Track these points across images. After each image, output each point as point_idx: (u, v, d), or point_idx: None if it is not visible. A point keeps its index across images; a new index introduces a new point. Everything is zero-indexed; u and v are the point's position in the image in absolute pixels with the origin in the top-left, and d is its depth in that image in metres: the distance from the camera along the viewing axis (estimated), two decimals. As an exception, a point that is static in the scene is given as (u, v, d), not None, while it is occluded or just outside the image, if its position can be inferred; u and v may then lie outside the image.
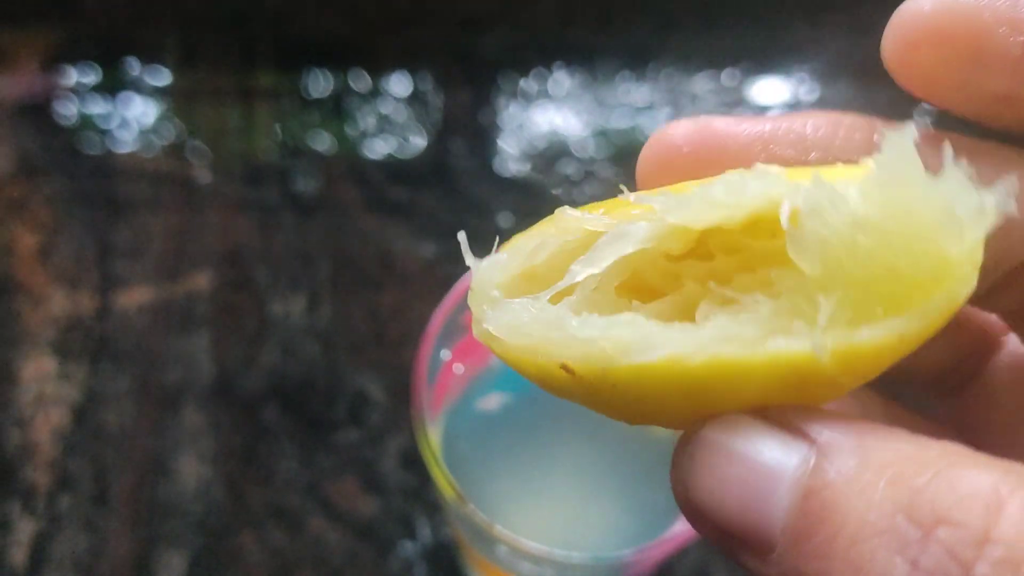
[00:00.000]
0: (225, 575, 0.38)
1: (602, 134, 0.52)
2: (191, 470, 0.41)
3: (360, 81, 0.53)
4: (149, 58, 0.54)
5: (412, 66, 0.54)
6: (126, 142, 0.51)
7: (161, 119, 0.52)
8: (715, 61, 0.55)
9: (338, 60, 0.54)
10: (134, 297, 0.45)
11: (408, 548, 0.39)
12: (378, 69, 0.54)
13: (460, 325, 0.30)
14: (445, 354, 0.30)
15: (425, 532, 0.40)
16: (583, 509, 0.31)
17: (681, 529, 0.26)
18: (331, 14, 0.54)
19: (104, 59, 0.54)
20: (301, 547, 0.39)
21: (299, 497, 0.40)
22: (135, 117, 0.52)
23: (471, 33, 0.55)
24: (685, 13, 0.55)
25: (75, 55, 0.54)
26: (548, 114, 0.53)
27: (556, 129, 0.52)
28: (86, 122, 0.51)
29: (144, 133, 0.51)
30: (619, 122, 0.52)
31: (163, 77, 0.53)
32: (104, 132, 0.51)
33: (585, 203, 0.16)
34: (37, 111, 0.52)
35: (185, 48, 0.54)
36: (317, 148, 0.51)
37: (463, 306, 0.29)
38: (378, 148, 0.51)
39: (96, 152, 0.50)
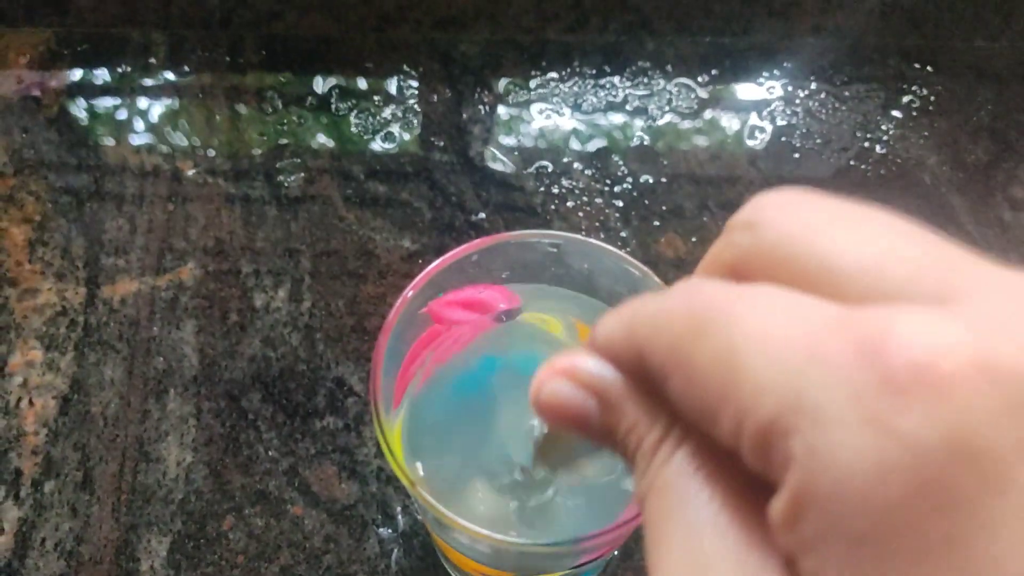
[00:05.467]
0: (206, 559, 0.40)
1: (578, 132, 0.53)
2: (174, 457, 0.42)
3: (343, 79, 0.54)
4: (138, 56, 0.55)
5: (394, 65, 0.55)
6: (114, 138, 0.52)
7: (149, 116, 0.53)
8: (689, 61, 0.56)
9: (322, 59, 0.55)
10: (120, 289, 0.47)
11: (384, 533, 0.40)
12: (361, 68, 0.55)
13: (422, 318, 0.31)
14: (406, 346, 0.31)
15: (400, 518, 0.41)
16: (548, 499, 0.32)
17: (629, 515, 0.27)
18: (315, 14, 0.55)
19: (94, 57, 0.55)
20: (280, 532, 0.40)
21: (279, 483, 0.41)
22: (123, 114, 0.53)
23: (450, 32, 0.56)
24: (658, 14, 0.56)
25: (66, 53, 0.55)
26: (526, 112, 0.54)
27: (533, 126, 0.53)
28: (75, 119, 0.53)
29: (132, 129, 0.52)
30: (595, 120, 0.53)
31: (151, 75, 0.54)
32: (93, 129, 0.52)
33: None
34: (27, 109, 0.53)
35: (172, 47, 0.56)
36: (300, 144, 0.52)
37: (424, 299, 0.30)
38: (360, 145, 0.52)
39: (84, 148, 0.52)
